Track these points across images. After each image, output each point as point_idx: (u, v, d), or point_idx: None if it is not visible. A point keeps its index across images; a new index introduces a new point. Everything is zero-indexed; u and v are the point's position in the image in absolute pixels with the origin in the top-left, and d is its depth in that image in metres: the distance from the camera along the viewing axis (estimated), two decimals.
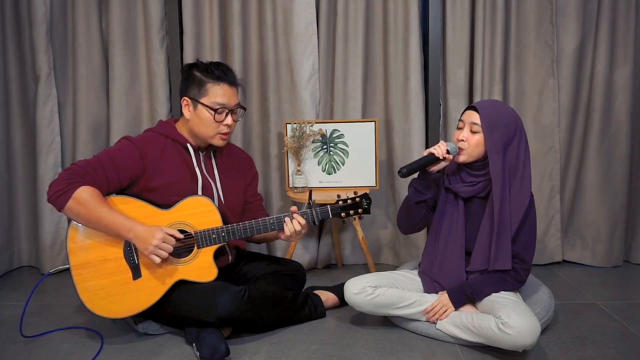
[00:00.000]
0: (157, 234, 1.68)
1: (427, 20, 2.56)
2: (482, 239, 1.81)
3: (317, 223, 1.85)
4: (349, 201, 1.85)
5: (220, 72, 1.84)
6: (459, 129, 1.83)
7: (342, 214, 1.84)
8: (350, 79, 2.60)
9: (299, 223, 1.81)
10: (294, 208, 1.85)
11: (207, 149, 1.95)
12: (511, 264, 1.77)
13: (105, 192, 1.77)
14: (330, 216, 1.84)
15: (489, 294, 1.78)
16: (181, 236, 1.75)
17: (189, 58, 2.58)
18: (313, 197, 2.36)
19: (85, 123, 2.65)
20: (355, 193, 1.86)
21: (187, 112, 1.88)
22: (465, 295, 1.80)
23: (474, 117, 1.78)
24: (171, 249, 1.71)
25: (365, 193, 1.87)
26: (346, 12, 2.57)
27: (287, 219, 1.82)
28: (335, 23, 2.60)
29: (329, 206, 1.84)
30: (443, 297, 1.82)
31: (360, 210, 1.86)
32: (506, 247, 1.75)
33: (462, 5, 2.55)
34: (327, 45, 2.63)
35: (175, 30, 2.60)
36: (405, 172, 1.74)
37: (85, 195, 1.69)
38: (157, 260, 1.70)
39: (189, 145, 1.89)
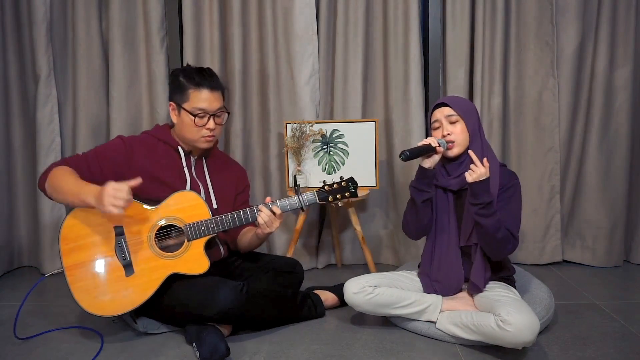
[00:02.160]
0: (107, 187, 1.63)
1: (427, 20, 2.56)
2: (469, 215, 1.81)
3: (304, 209, 1.87)
4: (335, 185, 1.86)
5: (200, 77, 1.88)
6: (436, 128, 1.89)
7: (329, 198, 1.85)
8: (350, 79, 2.60)
9: (273, 212, 1.81)
10: (268, 198, 1.86)
11: (199, 154, 1.99)
12: None
13: (88, 181, 1.78)
14: (317, 200, 1.85)
15: (495, 215, 1.72)
16: (138, 182, 1.69)
17: (189, 58, 2.58)
18: (298, 182, 2.38)
19: (85, 123, 2.65)
20: (341, 178, 1.87)
21: (173, 116, 1.94)
22: (490, 190, 1.73)
23: (446, 110, 1.86)
24: (125, 195, 1.63)
25: (351, 177, 1.88)
26: (346, 12, 2.57)
27: (261, 206, 1.82)
28: (335, 23, 2.60)
29: (315, 191, 1.85)
30: (486, 170, 1.71)
31: (347, 194, 1.86)
32: None
33: (462, 5, 2.55)
34: (327, 45, 2.63)
35: (175, 30, 2.60)
36: (408, 154, 1.75)
37: (59, 170, 1.77)
38: (115, 211, 1.62)
39: (179, 148, 1.93)
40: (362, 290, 1.83)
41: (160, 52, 2.60)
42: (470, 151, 1.75)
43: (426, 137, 2.58)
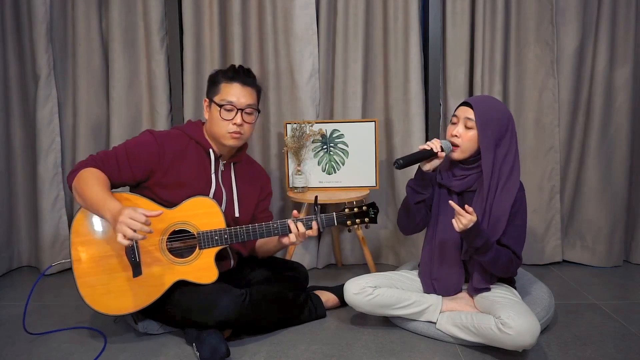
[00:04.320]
0: (125, 210, 1.56)
1: (427, 20, 2.56)
2: None
3: (322, 230, 1.84)
4: (355, 210, 1.84)
5: (234, 72, 1.89)
6: (453, 124, 1.85)
7: (348, 222, 1.83)
8: (350, 79, 2.60)
9: (303, 226, 1.81)
10: (295, 212, 1.84)
11: (228, 159, 1.96)
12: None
13: (117, 182, 1.80)
14: (335, 224, 1.84)
15: (491, 251, 1.71)
16: (153, 214, 1.62)
17: (188, 58, 2.58)
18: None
19: (85, 123, 2.65)
20: (362, 201, 1.86)
21: (206, 112, 1.92)
22: (483, 232, 1.70)
23: (468, 112, 1.80)
24: (138, 225, 1.54)
25: (373, 202, 1.86)
26: (346, 12, 2.57)
27: (290, 222, 1.81)
28: (335, 23, 2.60)
29: (334, 214, 1.84)
30: (473, 217, 1.67)
31: (366, 220, 1.84)
32: (496, 236, 1.77)
33: (462, 5, 2.55)
34: (327, 45, 2.63)
35: (175, 30, 2.60)
36: (401, 163, 1.74)
37: (87, 174, 1.72)
38: (120, 237, 1.54)
39: (211, 150, 1.90)
40: (362, 291, 1.83)
41: (160, 52, 2.60)
42: (450, 202, 1.70)
43: (426, 138, 2.61)
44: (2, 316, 2.11)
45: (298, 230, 1.79)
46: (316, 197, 1.89)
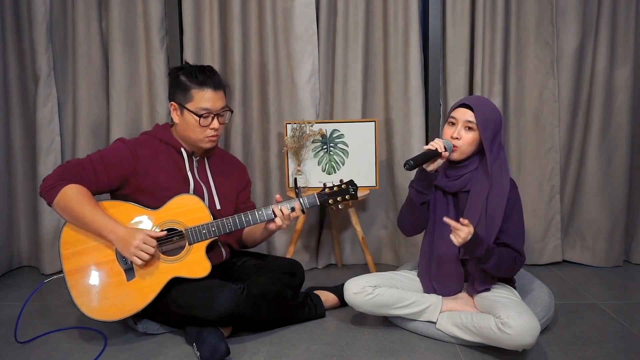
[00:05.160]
0: (138, 235, 1.70)
1: (427, 20, 2.56)
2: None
3: (305, 211, 1.86)
4: (335, 188, 1.86)
5: (204, 76, 1.86)
6: (452, 124, 1.85)
7: (330, 201, 1.85)
8: (350, 78, 2.60)
9: (287, 208, 1.83)
10: (278, 196, 1.86)
11: (201, 155, 1.98)
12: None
13: (95, 191, 1.81)
14: (318, 203, 1.85)
15: (494, 257, 1.71)
16: (163, 234, 1.77)
17: (188, 58, 2.58)
18: (299, 184, 2.38)
19: (85, 123, 2.65)
20: (341, 180, 1.88)
21: (175, 116, 1.92)
22: (482, 240, 1.70)
23: (468, 114, 1.80)
24: (152, 250, 1.72)
25: (351, 180, 1.89)
26: (346, 12, 2.57)
27: (274, 207, 1.83)
28: (335, 23, 2.60)
29: (315, 194, 1.86)
30: (470, 228, 1.67)
31: (347, 197, 1.86)
32: (494, 234, 1.77)
33: (462, 5, 2.55)
34: (327, 45, 2.63)
35: (175, 30, 2.60)
36: (412, 164, 1.74)
37: (72, 192, 1.73)
38: (139, 262, 1.71)
39: (182, 149, 1.92)
40: (362, 291, 1.83)
41: (160, 52, 2.60)
42: (445, 218, 1.69)
43: (426, 138, 2.61)
44: (2, 316, 2.11)
45: (283, 213, 1.81)
46: (295, 178, 1.91)
